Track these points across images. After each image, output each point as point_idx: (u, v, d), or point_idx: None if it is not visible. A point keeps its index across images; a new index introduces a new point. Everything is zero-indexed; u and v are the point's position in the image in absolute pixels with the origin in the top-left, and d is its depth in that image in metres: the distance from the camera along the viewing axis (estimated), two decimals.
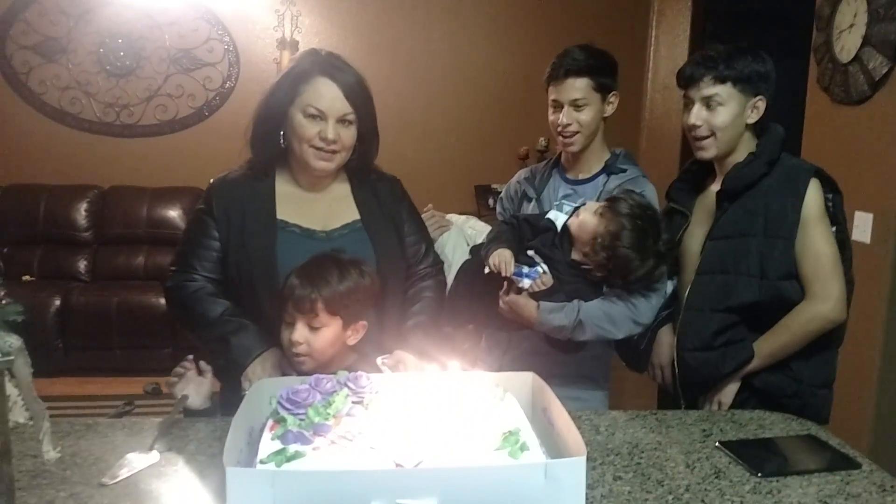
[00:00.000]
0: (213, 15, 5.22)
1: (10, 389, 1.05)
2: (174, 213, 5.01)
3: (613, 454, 1.43)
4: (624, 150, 2.08)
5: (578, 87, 1.96)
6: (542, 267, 1.88)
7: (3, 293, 1.10)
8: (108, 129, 5.22)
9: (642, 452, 1.44)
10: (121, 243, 4.98)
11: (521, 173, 2.24)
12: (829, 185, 1.84)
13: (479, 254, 2.01)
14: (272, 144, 1.75)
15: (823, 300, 1.79)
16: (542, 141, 5.39)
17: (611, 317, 1.86)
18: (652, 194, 2.00)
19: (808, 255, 1.79)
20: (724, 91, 1.82)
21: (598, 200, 1.98)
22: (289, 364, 1.64)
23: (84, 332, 4.48)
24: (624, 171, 2.03)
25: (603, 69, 1.99)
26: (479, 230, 2.14)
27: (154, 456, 1.36)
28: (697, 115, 1.86)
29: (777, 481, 1.32)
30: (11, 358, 1.02)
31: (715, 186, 1.94)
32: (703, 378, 1.89)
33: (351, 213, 1.81)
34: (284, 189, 1.79)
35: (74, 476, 1.28)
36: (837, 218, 1.85)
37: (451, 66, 5.50)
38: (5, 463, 1.04)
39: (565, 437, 1.24)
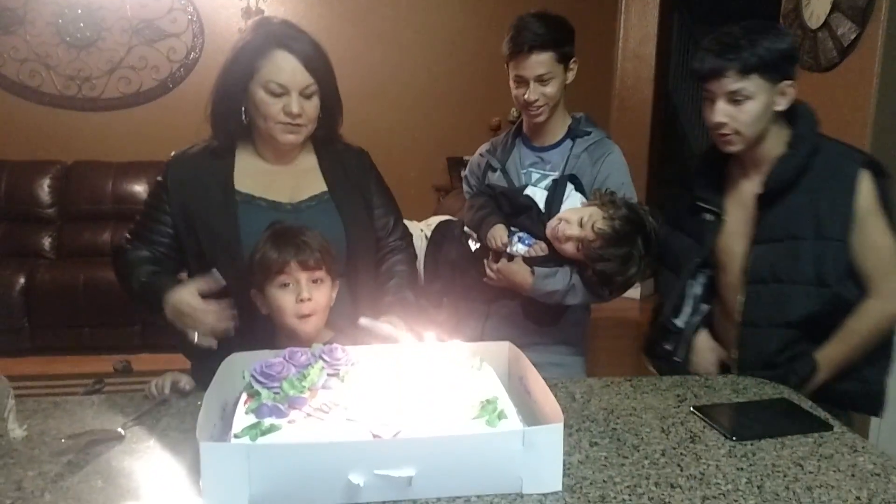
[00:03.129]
0: None
1: None
2: (140, 188, 4.90)
3: (589, 420, 1.43)
4: (584, 114, 2.09)
5: (542, 61, 1.94)
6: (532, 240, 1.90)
7: None
8: (69, 102, 5.09)
9: (618, 418, 1.45)
10: (86, 219, 4.88)
11: (482, 148, 2.24)
12: (879, 171, 1.69)
13: (451, 228, 2.00)
14: (234, 121, 1.72)
15: (889, 296, 1.67)
16: (513, 111, 5.35)
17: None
18: (619, 156, 2.02)
19: (866, 251, 1.66)
20: (750, 84, 1.63)
21: (565, 166, 2.00)
22: (289, 333, 1.60)
23: (50, 310, 4.38)
24: (588, 133, 2.05)
25: (563, 39, 1.98)
26: (432, 224, 2.13)
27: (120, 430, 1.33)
28: (723, 111, 1.66)
29: (751, 444, 1.34)
30: None
31: (747, 180, 1.78)
32: None
33: (318, 185, 1.79)
34: (248, 163, 1.77)
35: (43, 455, 1.26)
36: (888, 205, 1.69)
37: (421, 36, 5.43)
38: None
39: (542, 405, 1.25)
